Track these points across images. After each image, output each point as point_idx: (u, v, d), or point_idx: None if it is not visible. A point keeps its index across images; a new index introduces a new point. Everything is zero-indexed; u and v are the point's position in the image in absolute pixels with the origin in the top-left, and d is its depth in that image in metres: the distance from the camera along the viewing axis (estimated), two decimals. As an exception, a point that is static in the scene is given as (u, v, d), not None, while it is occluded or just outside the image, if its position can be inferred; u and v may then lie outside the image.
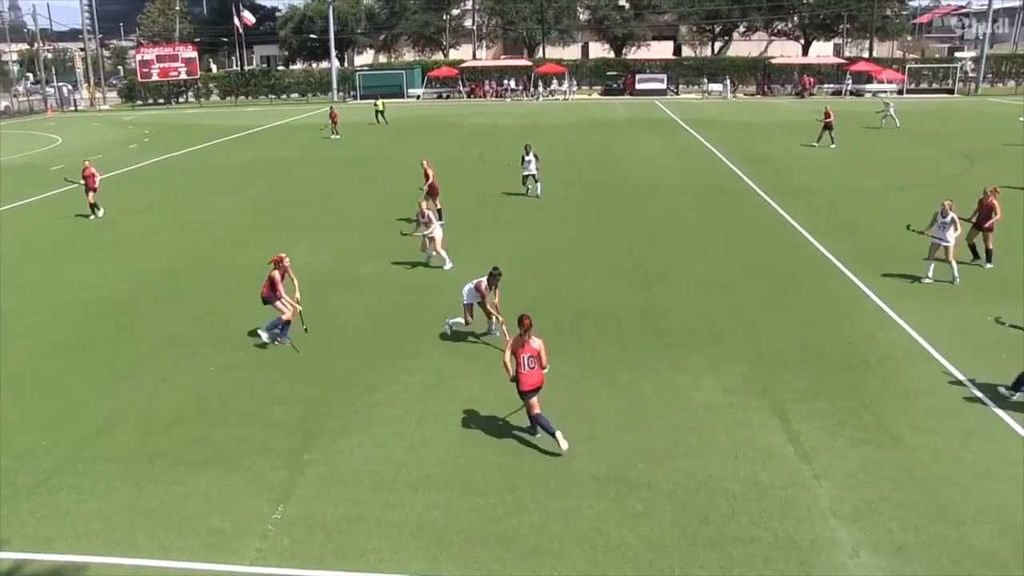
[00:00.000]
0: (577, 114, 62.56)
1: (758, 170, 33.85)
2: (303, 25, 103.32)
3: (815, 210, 26.52)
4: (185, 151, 46.55)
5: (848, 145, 41.29)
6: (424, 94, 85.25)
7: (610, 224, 25.45)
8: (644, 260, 21.24)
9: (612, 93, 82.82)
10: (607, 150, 41.43)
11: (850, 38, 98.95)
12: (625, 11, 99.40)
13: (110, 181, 35.43)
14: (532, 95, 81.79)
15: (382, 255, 22.22)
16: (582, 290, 18.74)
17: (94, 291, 19.90)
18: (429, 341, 15.83)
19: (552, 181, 30.98)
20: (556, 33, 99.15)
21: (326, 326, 16.89)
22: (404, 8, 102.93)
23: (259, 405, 13.29)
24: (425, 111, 69.64)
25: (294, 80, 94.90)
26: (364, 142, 47.76)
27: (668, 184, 31.59)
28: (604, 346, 15.41)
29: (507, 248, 22.69)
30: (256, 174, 37.18)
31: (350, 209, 28.65)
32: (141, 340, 16.45)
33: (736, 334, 15.90)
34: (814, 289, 18.60)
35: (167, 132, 59.07)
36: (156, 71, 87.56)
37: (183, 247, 23.84)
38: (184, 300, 18.95)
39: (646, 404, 13.01)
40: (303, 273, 20.67)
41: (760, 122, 53.88)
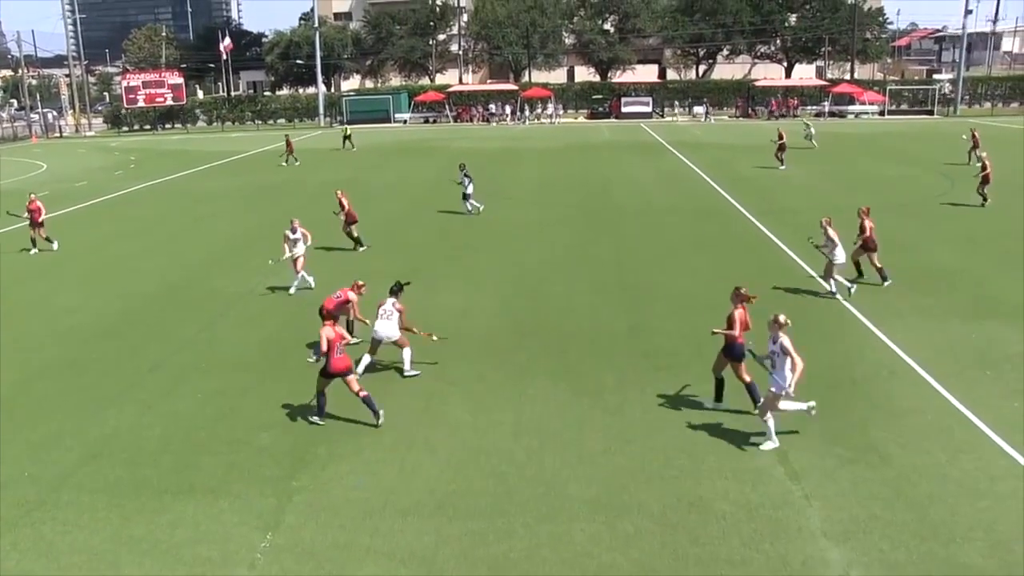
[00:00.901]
0: (563, 138, 62.79)
1: (743, 191, 34.02)
2: (290, 51, 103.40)
3: (800, 230, 26.58)
4: (172, 177, 46.47)
5: (831, 166, 41.54)
6: (411, 119, 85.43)
7: (597, 245, 25.50)
8: (631, 280, 21.27)
9: (598, 116, 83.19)
10: (594, 173, 41.57)
11: (832, 60, 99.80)
12: (610, 35, 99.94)
13: (96, 207, 35.41)
14: (518, 119, 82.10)
15: (371, 278, 22.13)
16: (569, 310, 18.75)
17: (79, 317, 19.79)
18: (417, 366, 15.76)
19: (539, 204, 31.07)
20: (542, 57, 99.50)
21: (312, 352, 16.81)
22: (391, 33, 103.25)
23: (247, 432, 13.20)
24: (412, 136, 69.77)
25: (281, 105, 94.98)
26: (353, 164, 47.77)
27: (655, 206, 31.69)
28: (593, 367, 15.39)
29: (493, 269, 22.70)
30: (242, 200, 37.14)
31: (336, 233, 28.57)
32: (126, 367, 16.35)
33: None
34: (800, 309, 18.60)
35: (153, 158, 59.00)
36: (142, 97, 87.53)
37: (169, 273, 23.75)
38: (170, 326, 18.86)
39: (635, 426, 12.98)
40: (294, 300, 20.68)
41: (745, 144, 54.14)
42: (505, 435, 12.84)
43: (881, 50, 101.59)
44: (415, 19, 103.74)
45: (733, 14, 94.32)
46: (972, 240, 24.76)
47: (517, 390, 14.47)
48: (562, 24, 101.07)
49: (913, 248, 24.13)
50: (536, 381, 14.79)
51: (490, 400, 14.14)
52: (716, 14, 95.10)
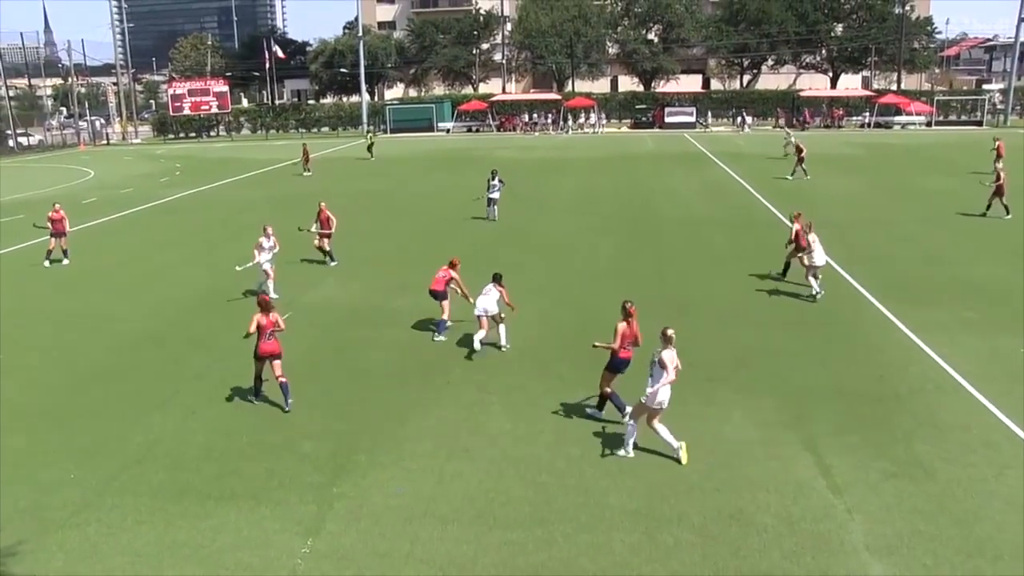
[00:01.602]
0: (606, 148, 62.75)
1: (787, 203, 33.75)
2: (333, 59, 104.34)
3: (844, 242, 26.40)
4: (216, 184, 47.06)
5: (875, 177, 41.16)
6: (454, 128, 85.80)
7: (638, 256, 25.48)
8: (672, 292, 21.24)
9: (641, 126, 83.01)
10: (636, 183, 41.52)
11: (878, 71, 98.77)
12: (654, 45, 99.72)
13: (141, 214, 35.94)
14: (562, 128, 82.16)
15: (411, 289, 22.33)
16: (610, 322, 18.68)
17: (124, 324, 20.12)
18: (459, 375, 15.87)
19: (580, 214, 31.12)
20: (585, 67, 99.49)
21: (356, 360, 16.99)
22: (434, 42, 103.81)
23: (288, 439, 13.36)
24: (454, 145, 70.04)
25: (324, 114, 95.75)
26: (395, 174, 48.10)
27: (696, 217, 31.59)
28: (633, 379, 15.34)
29: (534, 280, 22.74)
30: (284, 209, 37.48)
31: (379, 244, 28.82)
32: (171, 374, 16.60)
33: (765, 367, 15.84)
34: (843, 321, 18.51)
35: (198, 166, 59.81)
36: (188, 105, 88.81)
37: (212, 282, 24.03)
38: (213, 335, 19.09)
39: (678, 436, 12.95)
40: (333, 308, 20.89)
41: (791, 155, 53.68)
42: (545, 444, 12.88)
43: (929, 60, 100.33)
44: (459, 28, 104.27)
45: (778, 24, 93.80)
46: (1018, 253, 24.41)
47: (558, 401, 14.51)
48: (606, 33, 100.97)
49: (958, 261, 23.86)
50: (577, 392, 14.81)
51: (530, 410, 14.19)
52: (761, 24, 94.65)
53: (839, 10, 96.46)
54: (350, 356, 17.27)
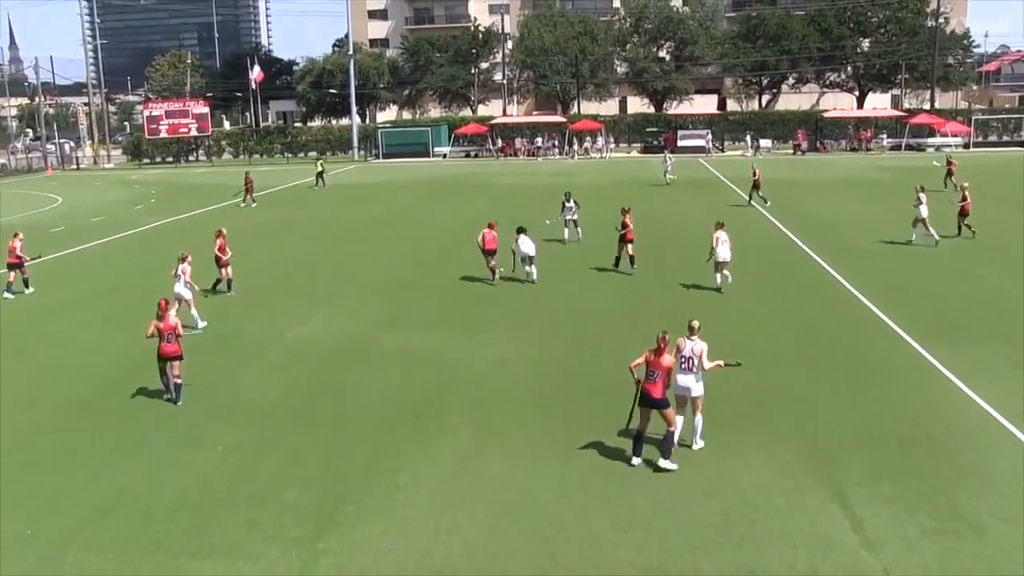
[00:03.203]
0: (615, 173, 62.88)
1: (810, 231, 33.81)
2: (322, 79, 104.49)
3: (873, 273, 26.36)
4: (194, 212, 47.13)
5: (906, 203, 41.14)
6: (451, 152, 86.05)
7: (649, 288, 25.44)
8: (683, 326, 21.08)
9: (652, 150, 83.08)
10: (647, 211, 41.50)
11: (909, 89, 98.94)
12: (666, 63, 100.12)
13: (114, 243, 35.93)
14: (567, 153, 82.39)
15: (403, 326, 22.28)
16: (618, 360, 18.57)
17: (96, 358, 20.09)
18: (454, 418, 15.76)
19: (586, 245, 31.11)
20: (592, 87, 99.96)
21: (344, 401, 16.89)
22: (430, 61, 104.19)
23: (270, 488, 13.23)
24: (452, 171, 70.24)
25: (312, 137, 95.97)
26: (386, 203, 48.17)
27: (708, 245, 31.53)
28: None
29: (536, 315, 22.69)
30: (269, 236, 37.55)
31: (369, 275, 28.80)
32: (143, 414, 16.51)
33: (788, 409, 15.72)
34: (872, 358, 18.40)
35: (176, 192, 59.93)
36: (165, 127, 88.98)
37: (185, 315, 23.96)
38: (190, 372, 18.94)
39: (691, 487, 12.82)
40: (318, 344, 20.82)
41: (812, 180, 53.88)
42: (549, 493, 12.75)
43: (966, 76, 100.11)
44: (456, 46, 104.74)
45: (799, 39, 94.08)
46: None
47: (562, 445, 14.39)
48: (614, 51, 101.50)
49: (1001, 294, 23.76)
50: (583, 436, 14.69)
51: (532, 455, 14.07)
52: (780, 40, 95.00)
53: (866, 24, 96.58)
54: (337, 397, 17.17)
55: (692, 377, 13.95)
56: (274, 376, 18.72)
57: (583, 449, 14.24)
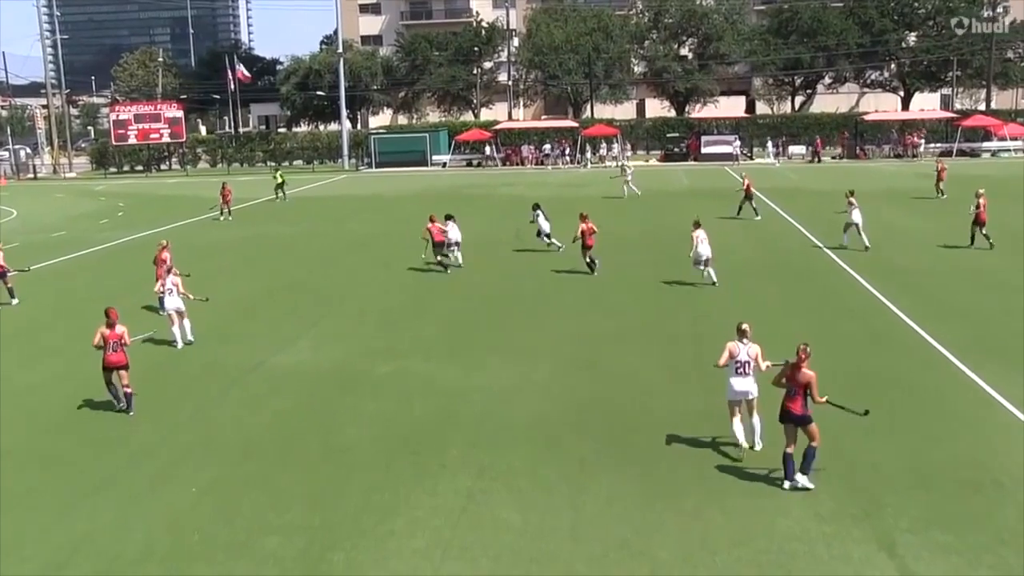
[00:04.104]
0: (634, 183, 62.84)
1: (849, 247, 33.71)
2: (309, 80, 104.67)
3: (922, 294, 26.30)
4: (166, 227, 47.14)
5: (959, 216, 41.09)
6: (451, 161, 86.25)
7: (670, 312, 25.41)
8: (712, 355, 21.00)
9: (673, 158, 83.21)
10: (667, 226, 41.52)
11: (961, 88, 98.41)
12: (688, 62, 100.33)
13: (76, 262, 35.97)
14: (579, 162, 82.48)
15: (398, 352, 22.23)
16: (638, 391, 18.60)
17: (55, 390, 20.00)
18: (456, 455, 15.69)
19: (603, 263, 31.08)
20: (606, 88, 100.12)
21: (333, 436, 16.84)
22: (428, 61, 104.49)
23: (248, 535, 13.17)
24: (451, 181, 70.38)
25: (298, 144, 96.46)
26: (380, 217, 48.22)
27: (740, 264, 31.53)
28: (666, 461, 15.19)
29: (545, 341, 22.64)
30: (250, 255, 37.59)
31: (360, 296, 28.80)
32: (107, 454, 16.45)
33: (828, 445, 15.57)
34: (925, 391, 18.30)
35: (145, 205, 60.14)
36: (134, 133, 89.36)
37: (161, 341, 23.97)
38: (162, 405, 18.98)
39: (720, 533, 12.74)
40: (306, 373, 20.79)
41: (852, 189, 53.71)
42: (561, 541, 12.68)
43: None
44: (457, 44, 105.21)
45: (836, 34, 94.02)
46: None
47: (575, 487, 14.33)
48: (630, 49, 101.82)
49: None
50: (598, 476, 14.64)
51: (543, 498, 14.00)
52: (816, 35, 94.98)
53: (912, 16, 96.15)
54: (325, 431, 17.11)
55: (750, 379, 15.29)
56: (256, 408, 18.67)
57: (599, 491, 14.16)
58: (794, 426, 14.03)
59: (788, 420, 14.06)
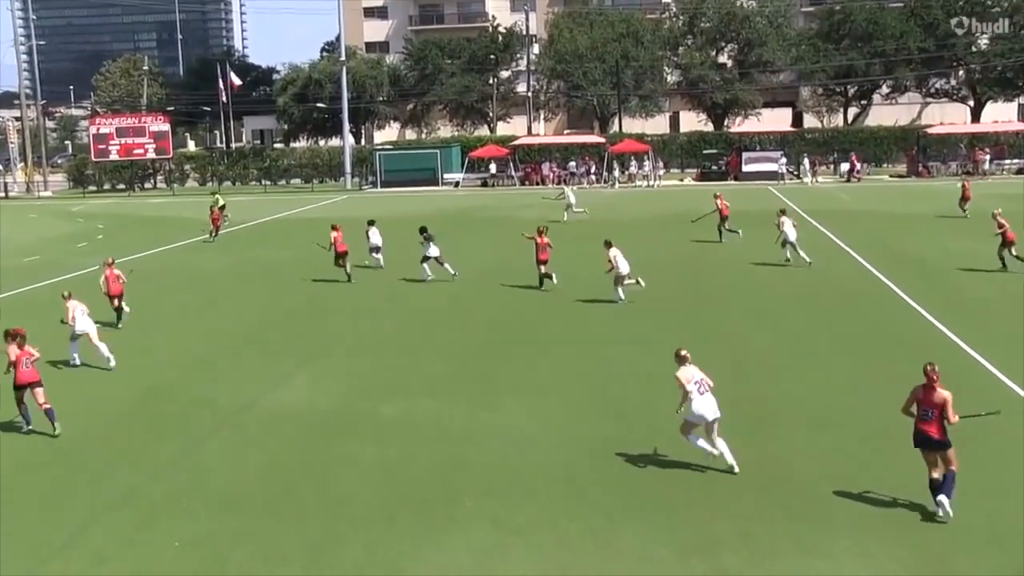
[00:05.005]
0: (664, 205, 62.90)
1: (907, 274, 33.60)
2: (308, 91, 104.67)
3: (994, 328, 26.09)
4: (151, 252, 47.39)
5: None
6: (464, 180, 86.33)
7: (704, 345, 25.19)
8: (752, 393, 20.99)
9: (711, 177, 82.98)
10: (703, 251, 41.49)
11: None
12: (727, 70, 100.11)
13: (50, 289, 36.01)
14: (606, 181, 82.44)
15: (403, 390, 22.20)
16: (671, 434, 18.44)
17: (23, 437, 19.88)
18: (468, 507, 15.63)
19: (633, 293, 31.06)
20: (636, 100, 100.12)
21: (331, 485, 16.79)
22: (439, 70, 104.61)
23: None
24: (464, 202, 70.39)
25: (296, 161, 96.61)
26: (386, 239, 48.20)
27: (784, 294, 31.50)
28: (703, 514, 15.08)
29: (566, 377, 22.58)
30: (239, 283, 37.70)
31: (361, 329, 28.83)
32: (79, 503, 16.40)
33: (881, 496, 15.45)
34: (997, 435, 18.10)
35: (127, 227, 60.47)
36: (116, 148, 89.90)
37: (145, 377, 24.03)
38: (143, 447, 18.98)
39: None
40: (302, 413, 20.77)
41: (910, 213, 53.66)
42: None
43: None
44: (471, 51, 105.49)
45: (896, 38, 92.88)
46: None
47: (601, 542, 14.27)
48: (663, 56, 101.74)
49: None
50: (625, 530, 14.58)
51: (565, 555, 13.93)
52: (872, 39, 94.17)
53: (985, 16, 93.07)
54: (323, 479, 17.07)
55: (712, 397, 16.36)
56: (246, 452, 18.65)
57: (627, 547, 14.08)
58: (933, 451, 14.41)
59: (927, 445, 14.44)
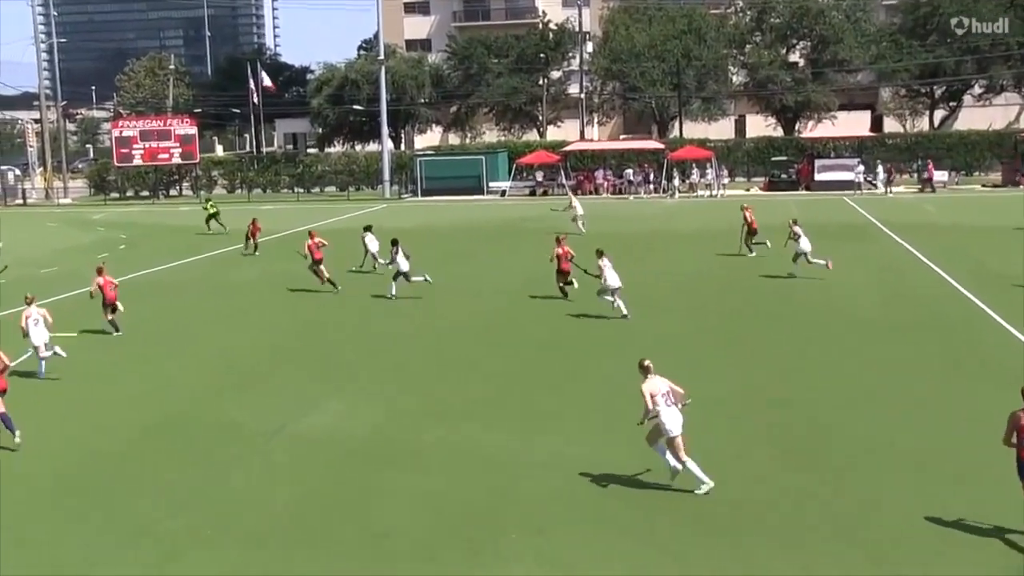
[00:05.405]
0: (727, 217, 62.23)
1: (1003, 296, 33.20)
2: (344, 92, 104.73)
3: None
4: (175, 264, 47.71)
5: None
6: (511, 188, 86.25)
7: (765, 371, 25.21)
8: (823, 426, 20.71)
9: (780, 187, 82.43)
10: (768, 267, 41.23)
11: None
12: (799, 70, 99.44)
13: (68, 303, 36.30)
14: (666, 190, 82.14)
15: (445, 415, 22.15)
16: (726, 469, 18.29)
17: (33, 464, 19.94)
18: (516, 543, 15.56)
19: (681, 309, 31.00)
20: (698, 103, 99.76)
21: (368, 518, 16.78)
22: (484, 69, 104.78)
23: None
24: (511, 211, 70.27)
25: (331, 167, 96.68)
26: (425, 252, 48.27)
27: (860, 316, 31.31)
28: (772, 554, 14.91)
29: (616, 399, 22.35)
30: (267, 297, 37.81)
31: (400, 349, 28.83)
32: (95, 536, 16.41)
33: (986, 545, 15.21)
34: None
35: (151, 237, 60.98)
36: (139, 152, 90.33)
37: (168, 399, 24.11)
38: (165, 476, 18.98)
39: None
40: (337, 440, 20.76)
41: (1003, 226, 53.02)
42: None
43: None
44: (519, 49, 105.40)
45: (991, 33, 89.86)
46: None
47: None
48: (728, 55, 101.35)
49: None
50: (690, 568, 14.45)
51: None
52: (968, 34, 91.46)
53: None
54: (360, 512, 17.06)
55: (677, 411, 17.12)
56: (277, 481, 18.65)
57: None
58: None
59: None
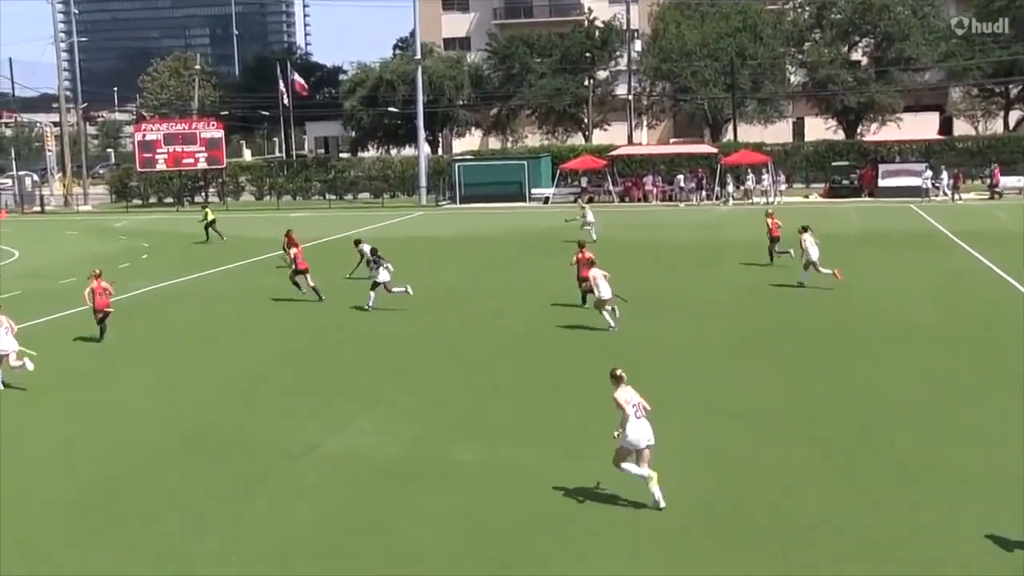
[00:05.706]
0: (785, 224, 62.19)
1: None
2: (379, 93, 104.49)
3: None
4: (201, 275, 47.90)
5: None
6: (555, 195, 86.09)
7: (817, 383, 25.15)
8: (884, 444, 20.53)
9: (841, 193, 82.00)
10: (821, 278, 41.02)
11: None
12: (861, 69, 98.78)
13: (85, 315, 36.55)
14: (720, 197, 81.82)
15: (483, 433, 22.15)
16: (778, 487, 18.19)
17: (45, 482, 20.06)
18: (558, 571, 15.53)
19: (732, 318, 30.89)
20: (754, 104, 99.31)
21: (401, 540, 16.80)
22: (527, 69, 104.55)
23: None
24: (555, 220, 70.02)
25: (364, 173, 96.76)
26: (463, 262, 48.36)
27: (924, 327, 31.30)
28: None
29: (664, 419, 22.37)
30: (301, 305, 37.88)
31: (435, 362, 28.85)
32: (110, 559, 16.44)
33: None
34: None
35: (175, 246, 61.32)
36: (163, 157, 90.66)
37: (190, 414, 24.20)
38: (186, 494, 19.03)
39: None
40: (368, 458, 20.78)
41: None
42: None
43: None
44: (563, 48, 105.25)
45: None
46: None
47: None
48: (785, 54, 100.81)
49: None
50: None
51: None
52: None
53: None
54: (392, 533, 17.05)
55: (647, 423, 17.55)
56: (305, 501, 18.67)
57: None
58: None
59: None
